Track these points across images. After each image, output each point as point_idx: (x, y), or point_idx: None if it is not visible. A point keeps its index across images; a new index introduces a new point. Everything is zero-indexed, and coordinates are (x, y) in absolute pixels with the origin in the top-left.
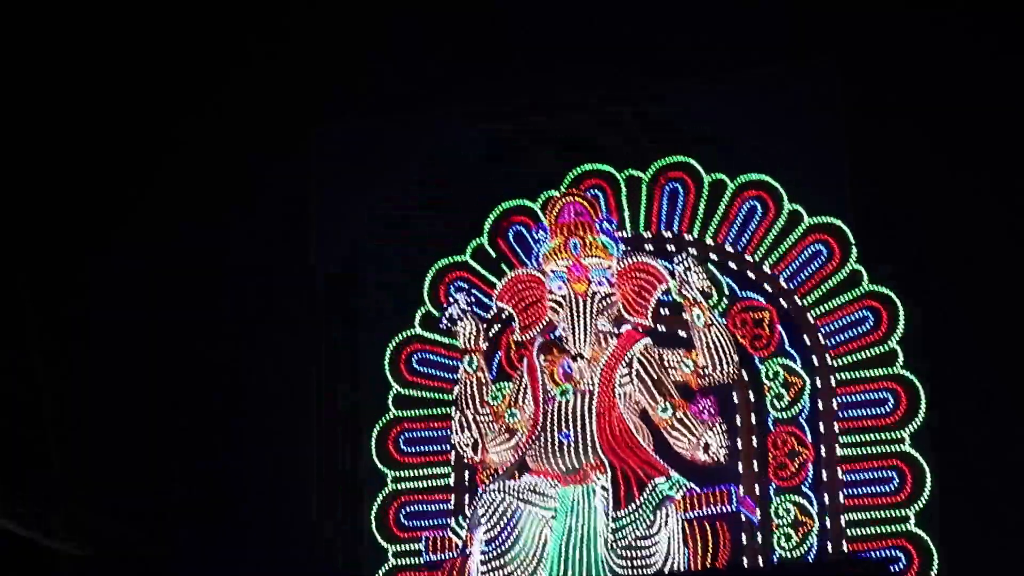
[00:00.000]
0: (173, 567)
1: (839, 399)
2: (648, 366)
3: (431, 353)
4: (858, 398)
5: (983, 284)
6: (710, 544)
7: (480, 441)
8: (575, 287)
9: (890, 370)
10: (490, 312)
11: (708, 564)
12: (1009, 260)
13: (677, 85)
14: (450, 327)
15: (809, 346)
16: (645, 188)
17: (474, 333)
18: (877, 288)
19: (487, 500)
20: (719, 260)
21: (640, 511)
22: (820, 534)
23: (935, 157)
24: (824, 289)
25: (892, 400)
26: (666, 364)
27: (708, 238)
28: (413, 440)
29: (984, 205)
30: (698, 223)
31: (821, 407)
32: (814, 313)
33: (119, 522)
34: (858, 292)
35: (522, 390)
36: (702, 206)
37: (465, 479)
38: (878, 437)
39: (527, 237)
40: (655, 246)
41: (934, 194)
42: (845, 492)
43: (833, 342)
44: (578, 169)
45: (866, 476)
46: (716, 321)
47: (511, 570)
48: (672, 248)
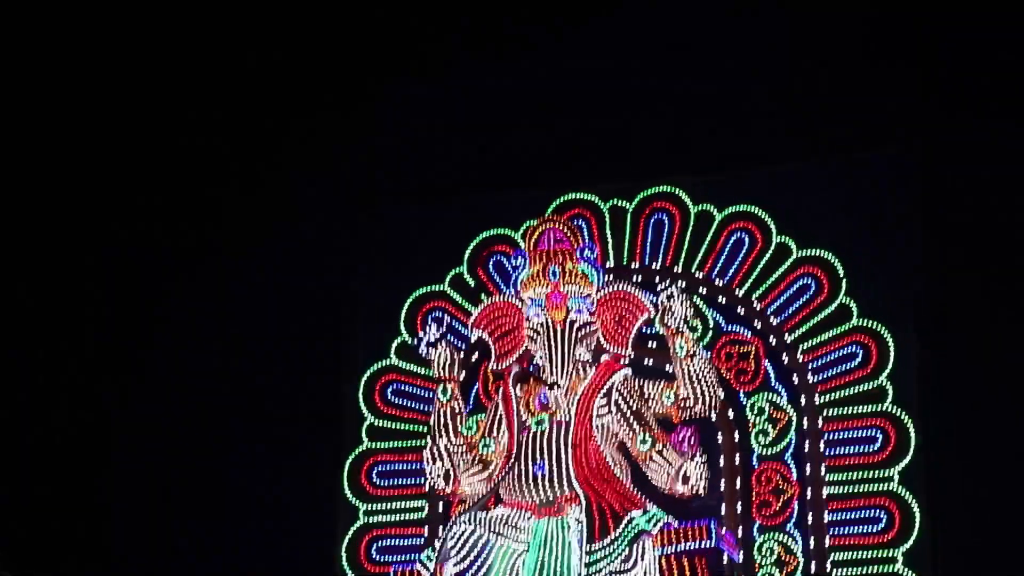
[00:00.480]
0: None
1: (826, 436)
2: (627, 397)
3: (406, 384)
4: (846, 435)
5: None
6: None
7: (452, 472)
8: (553, 315)
9: (879, 407)
10: (467, 342)
11: None
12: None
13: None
14: (425, 355)
15: (796, 381)
16: (629, 218)
17: (449, 361)
18: (867, 323)
19: (457, 531)
20: (705, 293)
21: (615, 545)
22: (804, 574)
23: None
24: (812, 323)
25: (881, 438)
26: (646, 396)
27: (694, 270)
28: (386, 473)
29: None
30: (683, 255)
31: (807, 444)
32: (802, 348)
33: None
34: (847, 327)
35: (496, 420)
36: (688, 237)
37: (439, 512)
38: (866, 475)
39: (507, 266)
40: (641, 277)
41: None
42: (831, 531)
43: (821, 377)
44: (562, 198)
45: (853, 515)
46: (699, 352)
47: None
48: (657, 280)
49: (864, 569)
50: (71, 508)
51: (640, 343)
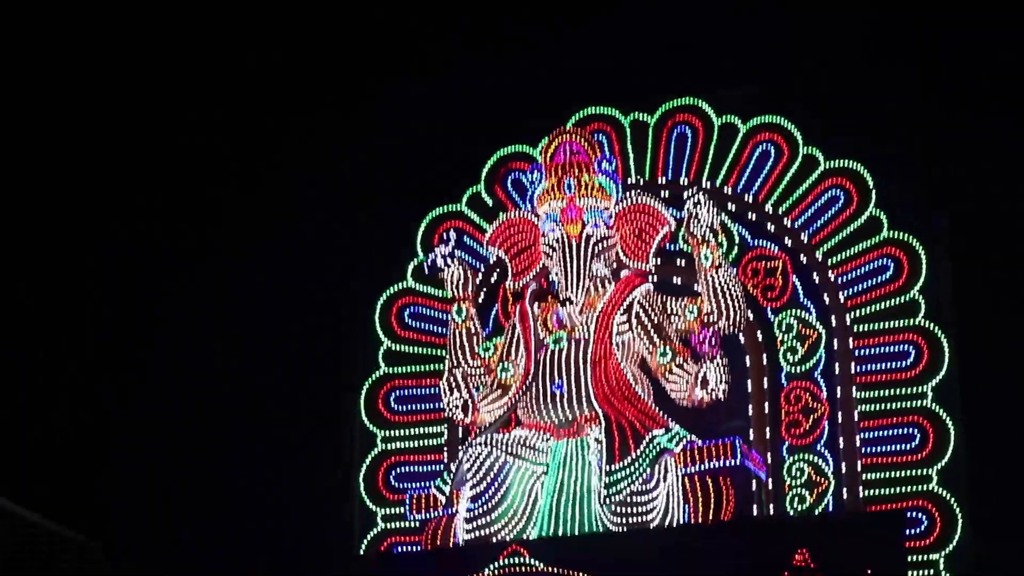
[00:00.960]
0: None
1: (857, 352)
2: (649, 311)
3: (424, 307)
4: (877, 351)
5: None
6: (712, 500)
7: (471, 401)
8: (568, 229)
9: (911, 321)
10: (486, 262)
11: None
12: None
13: None
14: (436, 274)
15: (825, 297)
16: (651, 132)
17: (462, 280)
18: (898, 235)
19: (473, 454)
20: (729, 208)
21: (636, 464)
22: (836, 495)
23: None
24: (841, 237)
25: (914, 353)
26: (668, 311)
27: (719, 184)
28: (404, 398)
29: None
30: (707, 169)
31: (837, 361)
32: (831, 262)
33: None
34: (877, 239)
35: (514, 342)
36: (712, 151)
37: (459, 437)
38: (899, 392)
39: (526, 184)
40: (668, 192)
41: None
42: (863, 450)
43: (851, 292)
44: (581, 112)
45: (886, 434)
46: (725, 264)
47: (498, 528)
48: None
49: (897, 489)
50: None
51: (665, 260)
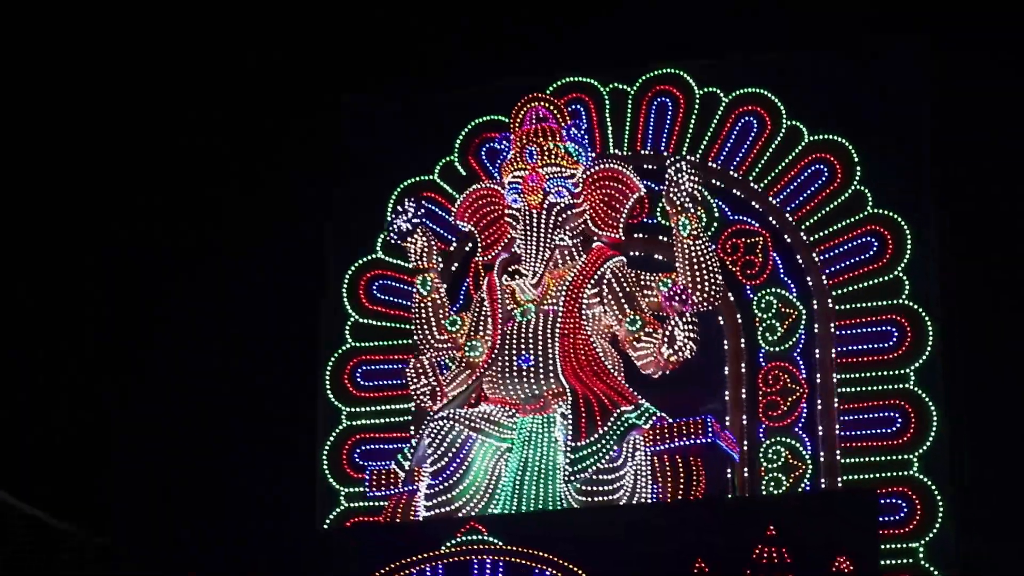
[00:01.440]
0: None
1: (838, 332)
2: (621, 280)
3: (394, 279)
4: (859, 332)
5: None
6: (682, 480)
7: (439, 388)
8: (529, 199)
9: (895, 301)
10: (458, 234)
11: None
12: None
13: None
14: (400, 242)
15: (805, 275)
16: (631, 102)
17: (425, 249)
18: (882, 212)
19: (434, 429)
20: (709, 181)
21: (603, 441)
22: (813, 480)
23: None
24: (824, 212)
25: (897, 334)
26: (642, 283)
27: (699, 156)
28: (372, 373)
29: None
30: (688, 140)
31: (818, 341)
32: (813, 239)
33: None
34: (861, 216)
35: (482, 318)
36: (692, 122)
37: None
38: (880, 374)
39: (501, 153)
40: (654, 165)
41: None
42: (842, 434)
43: (833, 270)
44: (559, 81)
45: (866, 417)
46: (703, 235)
47: (459, 506)
48: (654, 167)
49: (877, 474)
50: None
51: (641, 234)
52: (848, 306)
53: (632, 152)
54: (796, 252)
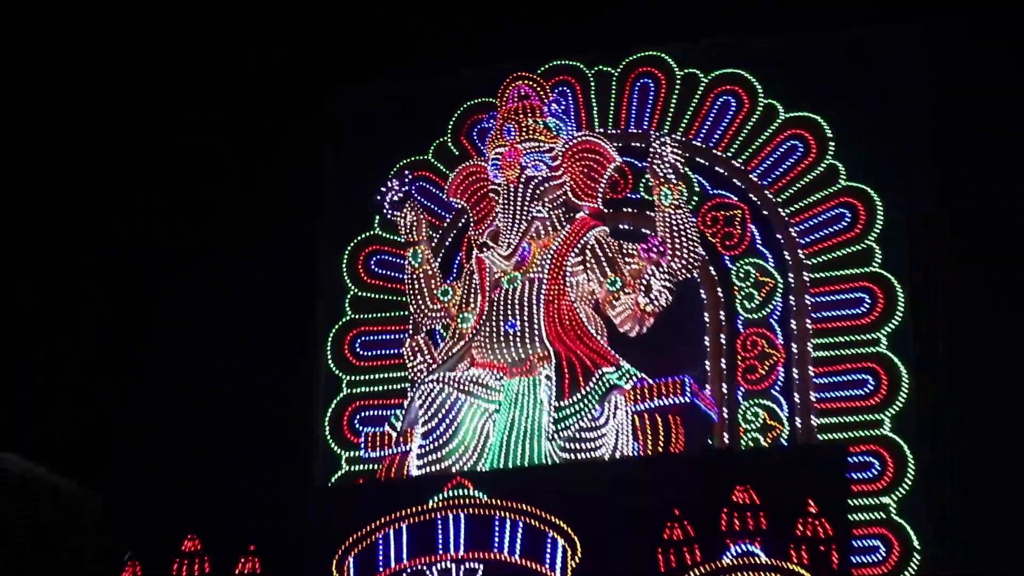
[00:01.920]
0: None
1: (812, 299)
2: (604, 247)
3: (391, 254)
4: (833, 298)
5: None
6: (662, 438)
7: (434, 364)
8: (507, 174)
9: (866, 269)
10: (451, 210)
11: None
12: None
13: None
14: (390, 216)
15: (782, 245)
16: (615, 83)
17: (415, 223)
18: (854, 184)
19: (424, 392)
20: (690, 157)
21: (585, 401)
22: (790, 440)
23: None
24: (799, 186)
25: (868, 300)
26: (623, 252)
27: (680, 134)
28: (370, 344)
29: None
30: (669, 119)
31: (793, 308)
32: (788, 211)
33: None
34: (835, 188)
35: (472, 288)
36: (673, 101)
37: None
38: (853, 339)
39: (489, 133)
40: (642, 144)
41: None
42: (817, 395)
43: (807, 240)
44: (547, 64)
45: (839, 379)
46: (684, 206)
47: (449, 464)
48: (639, 144)
49: (850, 433)
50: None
51: (630, 208)
52: (823, 274)
53: (617, 130)
54: (772, 223)
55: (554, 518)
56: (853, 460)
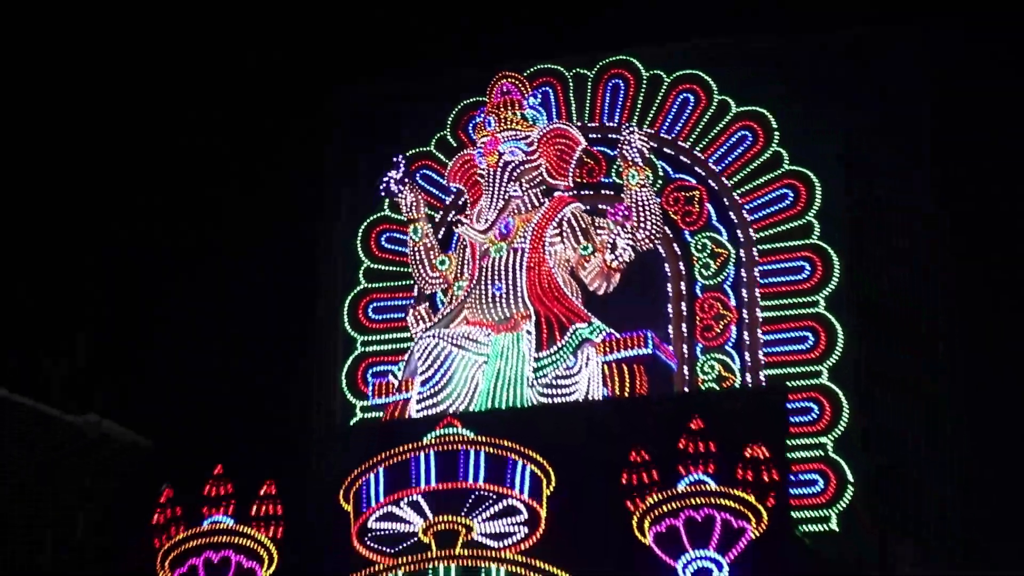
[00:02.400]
0: None
1: (760, 267)
2: (579, 219)
3: (398, 232)
4: (778, 266)
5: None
6: (628, 385)
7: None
8: (488, 159)
9: (807, 241)
10: (450, 193)
11: None
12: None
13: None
14: (392, 198)
15: (734, 221)
16: (590, 84)
17: (414, 202)
18: (797, 168)
19: (422, 345)
20: (656, 147)
21: (560, 352)
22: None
23: None
24: (748, 170)
25: (808, 267)
26: (596, 224)
27: (646, 126)
28: (381, 308)
29: None
30: (637, 113)
31: (744, 275)
32: (739, 191)
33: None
34: (779, 172)
35: (465, 259)
36: (641, 98)
37: None
38: (795, 301)
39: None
40: (603, 132)
41: None
42: (765, 351)
43: (756, 217)
44: (532, 68)
45: (784, 336)
46: (649, 185)
47: (443, 408)
48: (612, 136)
49: (793, 383)
50: None
51: (601, 190)
52: (769, 246)
53: (594, 123)
54: (726, 202)
55: (532, 452)
56: (795, 406)
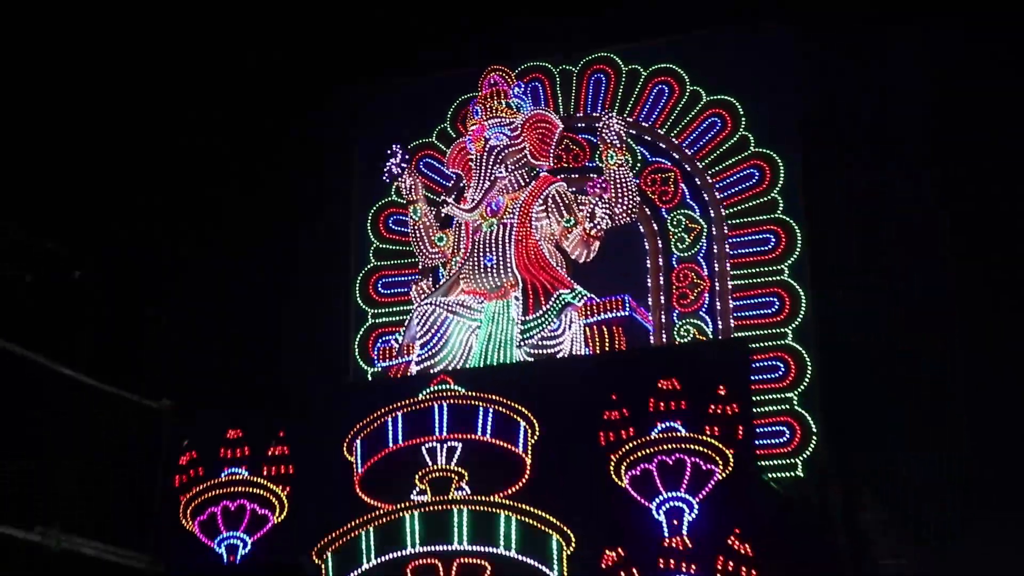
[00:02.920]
0: None
1: (730, 240)
2: (563, 196)
3: (404, 215)
4: (746, 239)
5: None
6: (607, 345)
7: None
8: (476, 145)
9: (772, 215)
10: (449, 178)
11: None
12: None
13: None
14: (393, 181)
15: (706, 199)
16: (575, 78)
17: (413, 185)
18: (762, 150)
19: (420, 312)
20: (635, 134)
21: (545, 316)
22: None
23: None
24: (718, 152)
25: (773, 239)
26: (578, 201)
27: (626, 115)
28: (389, 284)
29: None
30: (617, 103)
31: (715, 247)
32: (710, 172)
33: None
34: (746, 154)
35: (460, 236)
36: (620, 90)
37: None
38: (762, 271)
39: None
40: (588, 122)
41: None
42: (735, 315)
43: (725, 195)
44: (522, 65)
45: (752, 302)
46: (626, 163)
47: (440, 369)
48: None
49: (761, 344)
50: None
51: (593, 175)
52: (738, 221)
53: (579, 113)
54: (698, 181)
55: (517, 404)
56: (763, 364)
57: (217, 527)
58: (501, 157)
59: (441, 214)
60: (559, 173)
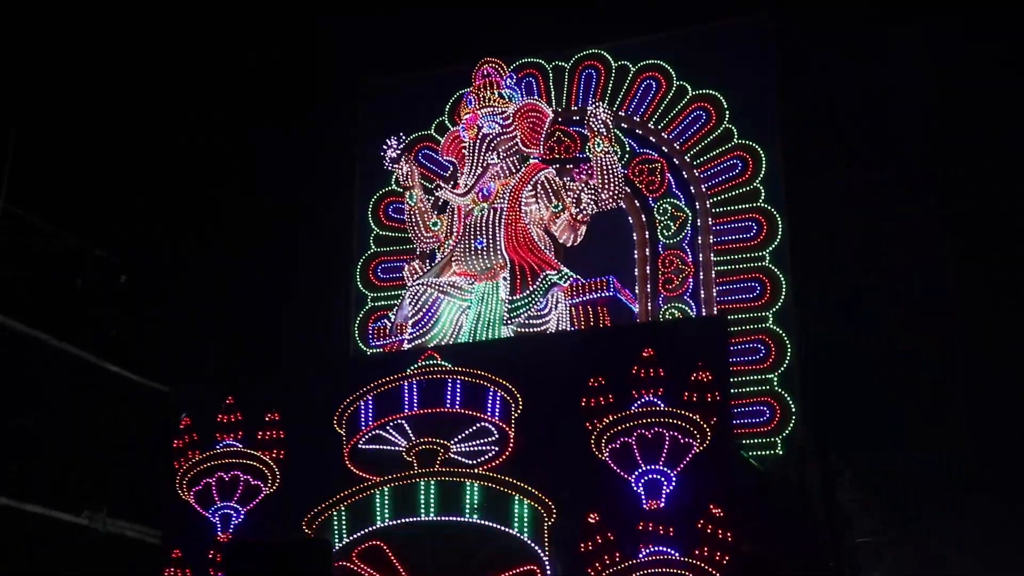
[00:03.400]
0: None
1: (714, 228)
2: (552, 182)
3: (403, 204)
4: (729, 227)
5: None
6: (592, 324)
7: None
8: (469, 133)
9: (754, 204)
10: (444, 168)
11: None
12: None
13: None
14: (390, 167)
15: (691, 188)
16: (567, 74)
17: (409, 172)
18: (745, 142)
19: (413, 292)
20: (624, 126)
21: (532, 295)
22: None
23: None
24: (703, 144)
25: (755, 227)
26: (566, 187)
27: (615, 109)
28: (387, 269)
29: None
30: (607, 97)
31: (700, 235)
32: (696, 163)
33: None
34: (730, 145)
35: (453, 220)
36: (610, 85)
37: None
38: (744, 256)
39: None
40: (581, 115)
41: None
42: (718, 300)
43: (710, 184)
44: (518, 61)
45: (735, 287)
46: (612, 151)
47: (432, 347)
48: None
49: (743, 327)
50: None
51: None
52: (721, 209)
53: (573, 107)
54: (684, 172)
55: (503, 380)
56: (745, 346)
57: (212, 497)
58: (493, 145)
59: (438, 201)
60: (551, 164)
